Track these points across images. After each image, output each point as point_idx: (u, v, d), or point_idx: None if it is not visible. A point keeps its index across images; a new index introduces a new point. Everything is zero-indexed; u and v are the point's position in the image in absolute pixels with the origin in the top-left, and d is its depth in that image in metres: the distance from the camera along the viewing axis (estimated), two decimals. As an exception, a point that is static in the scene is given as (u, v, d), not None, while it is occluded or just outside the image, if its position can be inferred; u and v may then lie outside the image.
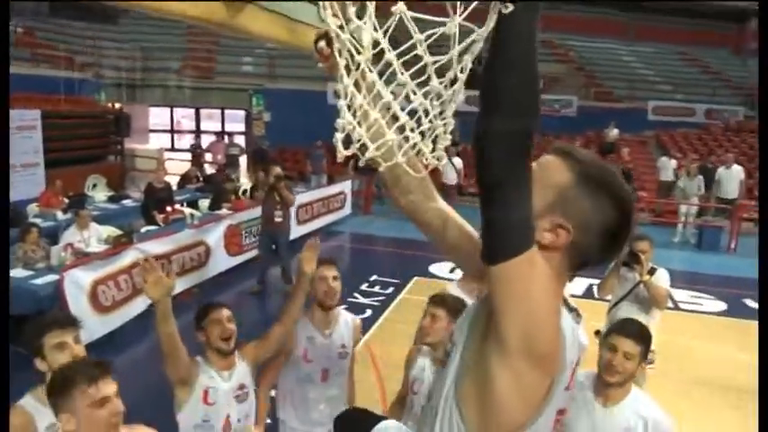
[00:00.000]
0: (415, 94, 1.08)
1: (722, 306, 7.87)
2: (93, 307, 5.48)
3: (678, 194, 11.96)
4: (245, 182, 12.35)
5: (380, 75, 1.08)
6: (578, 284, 7.98)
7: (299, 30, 1.48)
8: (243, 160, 16.15)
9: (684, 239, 11.63)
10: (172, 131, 21.58)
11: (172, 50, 19.32)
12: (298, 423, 2.90)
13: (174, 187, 10.34)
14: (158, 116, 20.86)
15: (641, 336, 2.43)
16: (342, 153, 1.06)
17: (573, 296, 6.35)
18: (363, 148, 1.06)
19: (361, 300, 7.33)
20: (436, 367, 2.48)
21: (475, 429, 1.12)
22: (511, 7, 0.95)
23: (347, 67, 1.04)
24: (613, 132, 16.82)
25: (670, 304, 4.73)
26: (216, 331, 2.51)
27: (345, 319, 3.01)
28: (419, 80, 1.13)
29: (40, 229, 6.48)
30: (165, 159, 14.46)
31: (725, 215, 11.97)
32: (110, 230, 7.31)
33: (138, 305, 6.15)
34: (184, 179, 11.78)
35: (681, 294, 7.92)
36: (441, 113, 1.14)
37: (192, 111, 20.89)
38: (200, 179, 11.93)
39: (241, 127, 19.83)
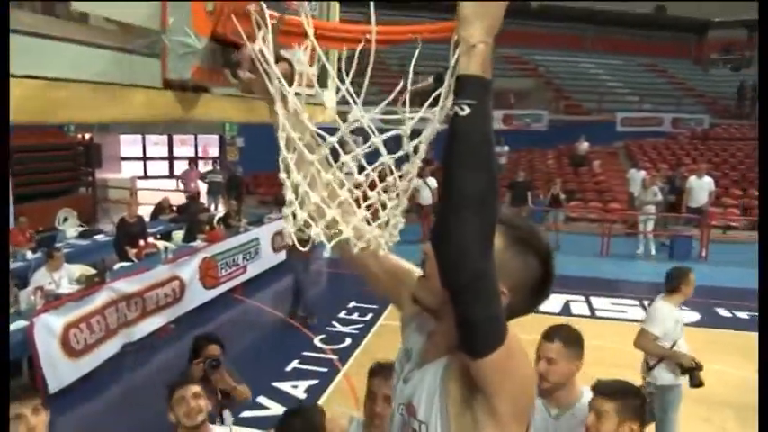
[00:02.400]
0: (372, 189, 1.10)
1: (696, 316, 7.95)
2: (65, 351, 5.36)
3: (637, 205, 12.15)
4: (221, 210, 12.21)
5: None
6: (555, 302, 8.05)
7: (256, 106, 1.50)
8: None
9: (647, 251, 11.72)
10: (144, 159, 21.35)
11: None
12: None
13: (148, 218, 10.19)
14: (130, 143, 20.63)
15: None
16: (300, 248, 1.08)
17: (550, 314, 6.28)
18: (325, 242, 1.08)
19: (340, 328, 7.29)
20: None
21: None
22: (467, 110, 0.95)
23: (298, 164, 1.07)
24: (584, 145, 17.07)
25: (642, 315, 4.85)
26: (182, 410, 2.44)
27: None
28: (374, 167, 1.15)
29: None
30: (137, 189, 14.25)
31: (693, 224, 12.23)
32: (81, 269, 7.16)
33: (111, 347, 6.05)
34: (158, 210, 11.62)
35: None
36: (395, 204, 1.16)
37: (165, 137, 20.72)
38: (174, 209, 11.78)
39: (215, 152, 19.69)
